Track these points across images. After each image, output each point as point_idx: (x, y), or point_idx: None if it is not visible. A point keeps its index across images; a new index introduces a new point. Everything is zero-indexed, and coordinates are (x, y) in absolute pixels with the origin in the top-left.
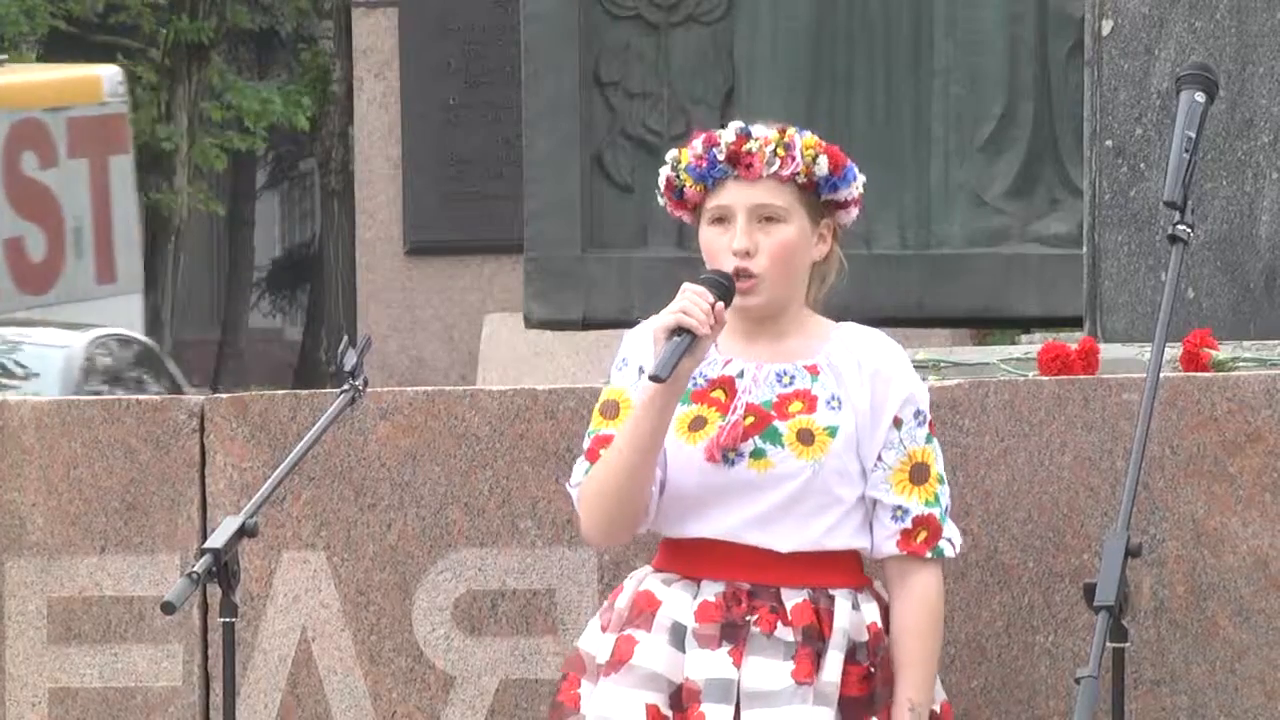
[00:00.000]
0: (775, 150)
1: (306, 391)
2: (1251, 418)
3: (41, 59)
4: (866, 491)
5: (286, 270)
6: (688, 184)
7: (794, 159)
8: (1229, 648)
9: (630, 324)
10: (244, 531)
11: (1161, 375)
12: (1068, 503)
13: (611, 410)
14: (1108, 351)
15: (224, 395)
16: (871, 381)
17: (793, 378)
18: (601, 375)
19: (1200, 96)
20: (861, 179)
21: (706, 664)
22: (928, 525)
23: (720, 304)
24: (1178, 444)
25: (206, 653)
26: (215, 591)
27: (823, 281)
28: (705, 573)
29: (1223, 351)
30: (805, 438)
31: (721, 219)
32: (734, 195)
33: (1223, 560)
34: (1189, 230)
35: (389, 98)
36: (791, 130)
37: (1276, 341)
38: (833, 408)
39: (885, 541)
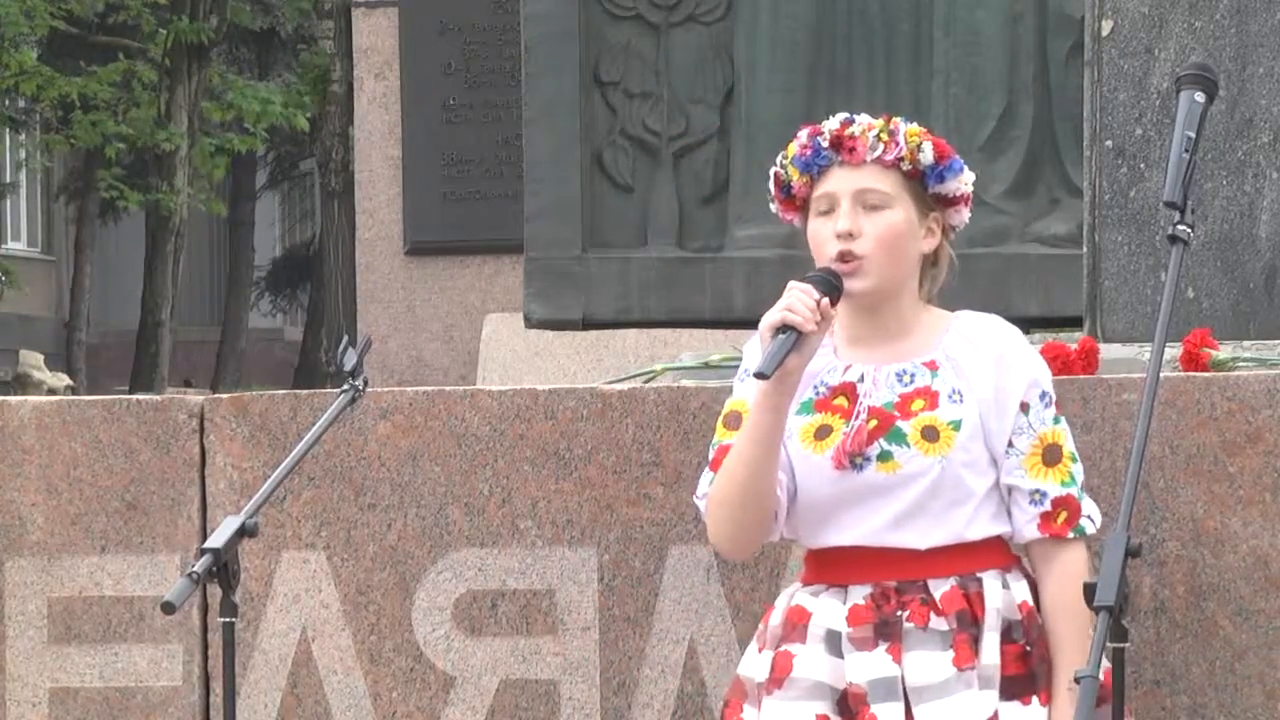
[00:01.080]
0: (879, 135)
1: (306, 391)
2: (1251, 418)
3: (42, 59)
4: (1001, 478)
5: (286, 270)
6: (794, 177)
7: (898, 144)
8: (1229, 648)
9: (630, 324)
10: (244, 531)
11: (1161, 375)
12: None
13: (734, 421)
14: (1107, 351)
15: (224, 395)
16: (994, 368)
17: (913, 376)
18: (602, 375)
19: (1200, 96)
20: (971, 175)
21: (867, 665)
22: (1067, 505)
23: (826, 300)
24: (1177, 444)
25: (206, 653)
26: (215, 591)
27: (934, 280)
28: (851, 578)
29: (1223, 351)
30: (930, 435)
31: (828, 210)
32: (838, 182)
33: (1222, 560)
34: (1189, 230)
35: (389, 98)
36: (897, 119)
37: (1276, 341)
38: (955, 401)
39: (1026, 526)
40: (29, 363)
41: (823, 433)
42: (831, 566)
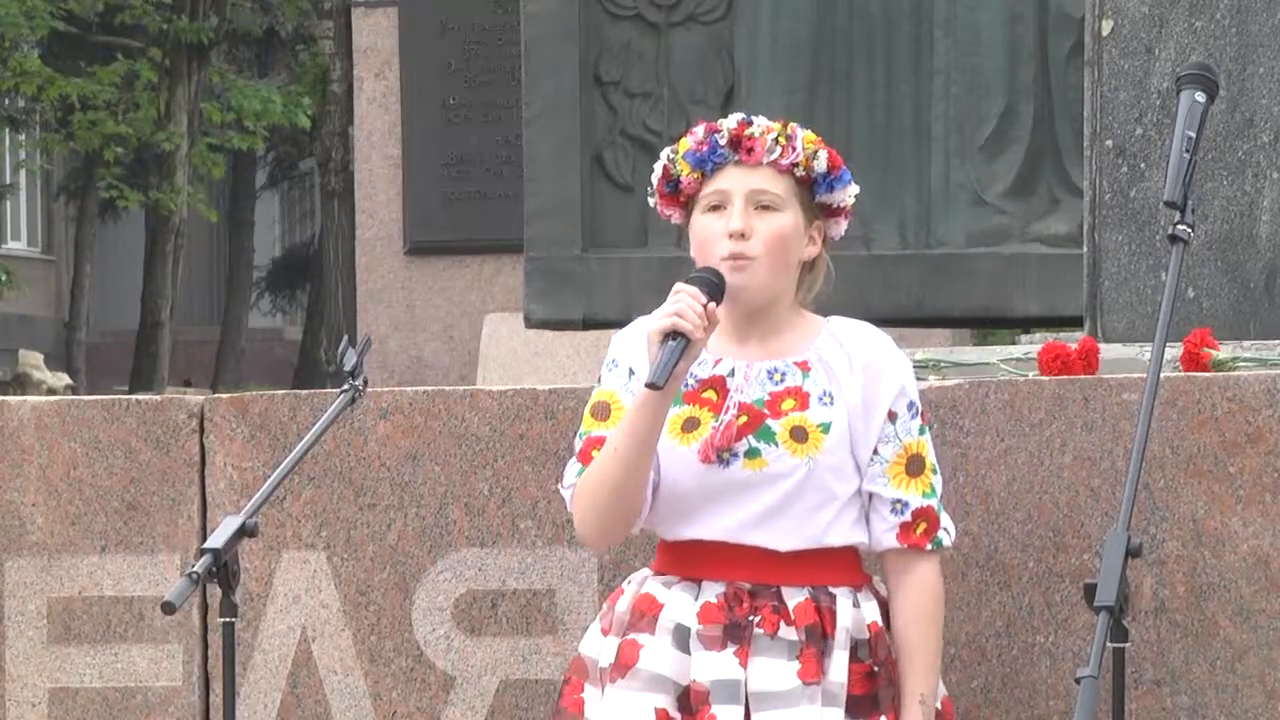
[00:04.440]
0: (777, 139)
1: (306, 391)
2: (1251, 418)
3: (42, 59)
4: (863, 485)
5: (286, 270)
6: (685, 172)
7: (795, 149)
8: (1229, 648)
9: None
10: (244, 531)
11: (1161, 375)
12: (1068, 503)
13: (603, 411)
14: (1108, 351)
15: (224, 395)
16: (863, 375)
17: (784, 375)
18: None
19: (1200, 96)
20: (855, 189)
21: (713, 665)
22: (926, 517)
23: (713, 304)
24: (1178, 444)
25: (206, 653)
26: (215, 591)
27: (810, 287)
28: (706, 574)
29: (1223, 351)
30: (799, 435)
31: (718, 206)
32: (733, 180)
33: (1223, 560)
34: (1189, 230)
35: (389, 98)
36: (794, 124)
37: (1276, 341)
38: (825, 404)
39: (884, 535)
40: (29, 363)
41: (690, 425)
42: (687, 559)
